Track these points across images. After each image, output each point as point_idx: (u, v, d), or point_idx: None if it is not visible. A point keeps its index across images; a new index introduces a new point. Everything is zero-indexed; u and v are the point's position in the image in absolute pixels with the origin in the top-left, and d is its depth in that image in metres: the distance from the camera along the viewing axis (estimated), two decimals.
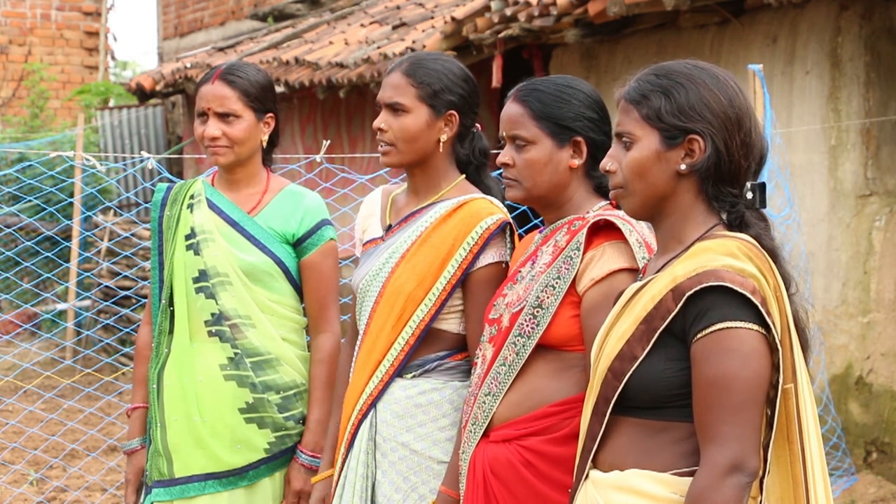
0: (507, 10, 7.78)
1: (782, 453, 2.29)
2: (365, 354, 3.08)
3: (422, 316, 3.02)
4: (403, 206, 3.18)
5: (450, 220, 3.04)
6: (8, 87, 15.87)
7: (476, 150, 3.16)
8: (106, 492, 6.51)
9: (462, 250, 3.01)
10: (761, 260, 2.28)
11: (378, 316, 3.07)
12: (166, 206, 3.51)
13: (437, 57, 3.14)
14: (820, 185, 6.55)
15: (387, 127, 3.08)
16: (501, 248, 3.03)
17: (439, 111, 3.07)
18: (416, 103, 3.06)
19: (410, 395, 3.03)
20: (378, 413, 3.06)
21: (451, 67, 3.10)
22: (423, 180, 3.13)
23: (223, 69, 3.43)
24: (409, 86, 3.06)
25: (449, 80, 3.07)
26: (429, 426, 3.02)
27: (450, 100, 3.07)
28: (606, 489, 2.33)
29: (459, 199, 3.07)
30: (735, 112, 2.33)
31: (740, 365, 2.19)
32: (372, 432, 3.06)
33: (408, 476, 3.01)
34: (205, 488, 3.35)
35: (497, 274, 3.02)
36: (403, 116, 3.06)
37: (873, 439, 6.26)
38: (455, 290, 3.02)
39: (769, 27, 6.78)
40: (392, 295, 3.04)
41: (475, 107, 3.14)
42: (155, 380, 3.42)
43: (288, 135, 11.47)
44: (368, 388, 3.06)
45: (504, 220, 3.03)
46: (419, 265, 3.03)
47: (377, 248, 3.15)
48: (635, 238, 2.66)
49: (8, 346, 9.99)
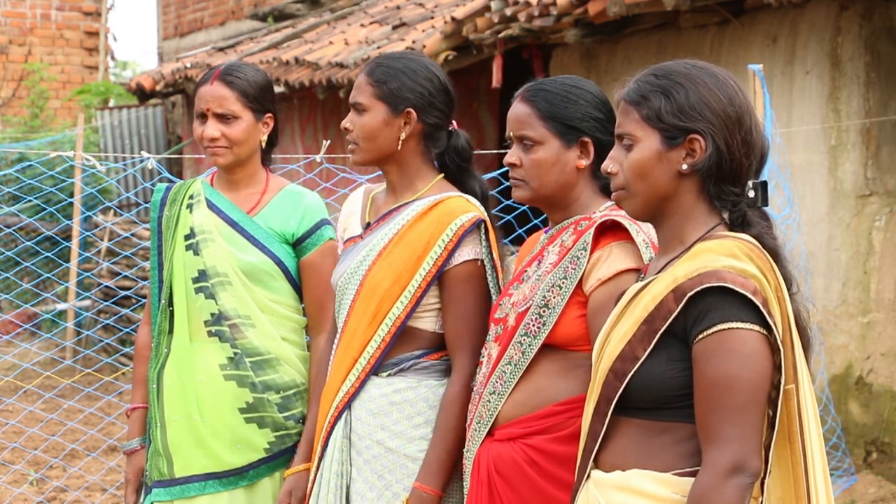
0: (507, 10, 7.78)
1: (783, 453, 2.29)
2: (342, 351, 3.11)
3: (398, 313, 3.04)
4: (382, 204, 3.21)
5: (425, 218, 3.07)
6: (8, 87, 15.88)
7: (452, 149, 3.16)
8: (106, 492, 6.51)
9: (437, 248, 3.03)
10: (762, 260, 2.28)
11: (355, 313, 3.09)
12: (165, 206, 3.51)
13: (400, 56, 3.17)
14: (820, 185, 6.55)
15: (351, 126, 3.13)
16: (477, 246, 3.05)
17: (397, 109, 3.09)
18: (373, 102, 3.09)
19: (385, 393, 3.05)
20: (353, 411, 3.08)
21: (411, 66, 3.12)
22: (398, 179, 3.15)
23: (222, 70, 3.43)
24: (368, 85, 3.11)
25: (406, 78, 3.09)
26: (403, 424, 3.04)
27: (406, 97, 3.09)
28: (608, 489, 2.33)
29: (435, 198, 3.09)
30: (735, 111, 2.33)
31: (742, 366, 2.19)
32: (347, 430, 3.08)
33: (382, 474, 3.03)
34: (205, 488, 3.35)
35: (473, 272, 3.04)
36: (363, 115, 3.11)
37: (873, 439, 6.26)
38: (430, 288, 3.05)
39: (769, 27, 6.78)
40: (369, 292, 3.07)
41: (439, 105, 3.13)
42: (155, 380, 3.42)
43: (288, 135, 11.47)
44: (345, 386, 3.08)
45: (479, 218, 3.05)
46: (395, 262, 3.06)
47: (356, 246, 3.17)
48: (642, 238, 2.66)
49: (8, 346, 9.99)
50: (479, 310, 3.03)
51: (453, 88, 3.17)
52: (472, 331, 3.02)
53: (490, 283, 3.05)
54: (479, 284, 3.04)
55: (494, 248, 3.07)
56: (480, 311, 3.03)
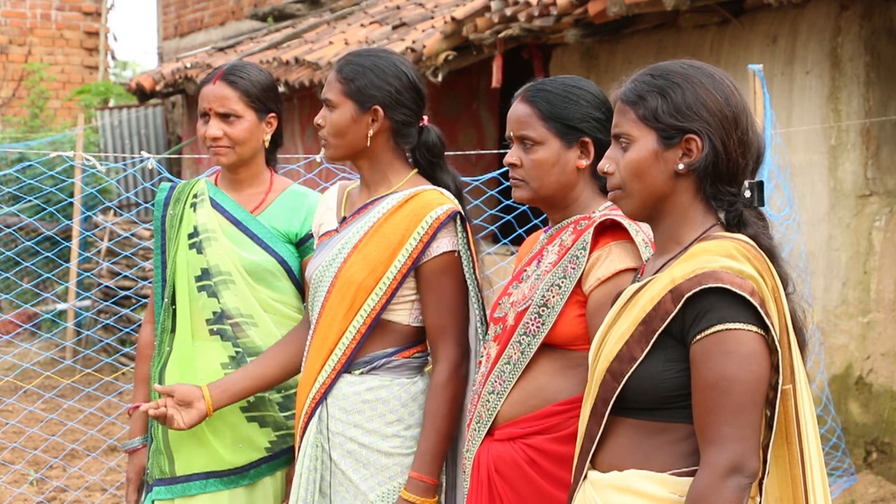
0: (507, 10, 7.79)
1: (781, 454, 2.29)
2: (317, 344, 3.13)
3: (372, 305, 3.07)
4: (357, 199, 3.24)
5: (400, 210, 3.10)
6: (8, 87, 15.87)
7: (423, 145, 3.19)
8: (106, 492, 6.51)
9: (412, 240, 3.06)
10: (759, 260, 2.28)
11: (330, 306, 3.12)
12: (169, 205, 3.52)
13: (370, 53, 3.20)
14: (820, 185, 6.55)
15: (322, 122, 3.18)
16: (453, 238, 3.08)
17: (365, 106, 3.13)
18: (341, 98, 3.14)
19: (358, 391, 3.09)
20: (328, 408, 3.11)
21: (379, 63, 3.15)
22: (371, 174, 3.19)
23: (225, 69, 3.44)
24: (337, 82, 3.15)
25: (374, 76, 3.13)
26: (377, 422, 3.08)
27: (373, 94, 3.12)
28: (605, 489, 2.33)
29: (410, 192, 3.13)
30: (732, 110, 2.33)
31: (740, 366, 2.20)
32: (321, 426, 3.10)
33: (357, 468, 3.07)
34: (206, 487, 3.36)
35: (450, 263, 3.07)
36: (333, 111, 3.15)
37: (873, 439, 6.27)
38: (406, 280, 3.08)
39: (769, 27, 6.79)
40: (344, 285, 3.09)
41: (407, 103, 3.16)
42: (157, 378, 3.43)
43: (288, 135, 11.47)
44: (320, 379, 3.11)
45: (454, 210, 3.08)
46: (370, 255, 3.09)
47: (331, 240, 3.20)
48: (641, 238, 2.67)
49: (8, 346, 9.99)
50: (458, 300, 3.07)
51: (424, 86, 3.21)
52: (453, 320, 3.06)
53: (467, 274, 3.09)
54: (456, 275, 3.08)
55: (471, 240, 3.11)
56: (459, 301, 3.07)
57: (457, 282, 3.08)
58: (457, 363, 3.05)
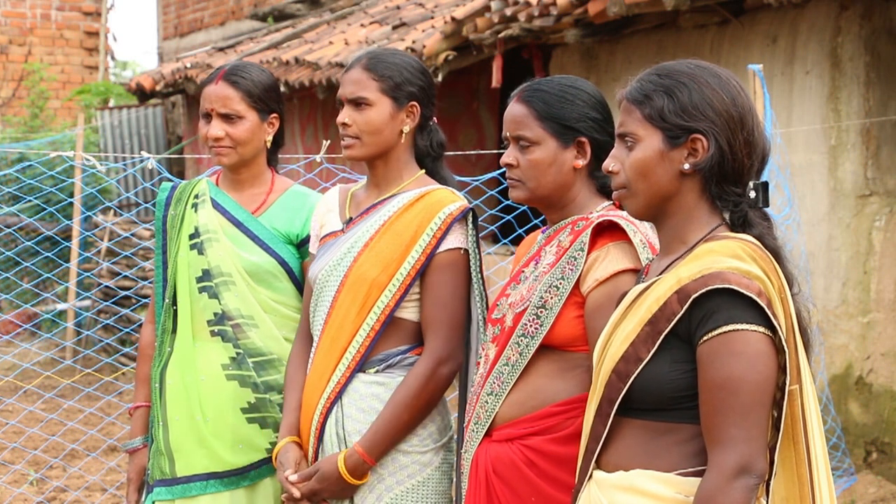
0: (507, 10, 7.79)
1: (787, 454, 2.29)
2: (327, 344, 3.12)
3: (386, 301, 3.07)
4: (363, 199, 3.24)
5: (413, 208, 3.10)
6: (8, 87, 15.87)
7: (433, 142, 3.23)
8: (106, 492, 6.51)
9: (426, 235, 3.06)
10: (765, 261, 2.28)
11: (340, 305, 3.10)
12: (170, 206, 3.52)
13: (393, 52, 3.23)
14: (820, 185, 6.56)
15: (351, 122, 3.15)
16: (462, 235, 3.09)
17: (401, 103, 3.14)
18: (379, 96, 3.13)
19: (375, 392, 3.08)
20: (343, 407, 3.09)
21: (409, 61, 3.19)
22: (385, 173, 3.19)
23: (227, 70, 3.44)
24: (371, 80, 3.13)
25: (409, 73, 3.15)
26: None
27: (410, 91, 3.15)
28: (610, 489, 2.33)
29: (421, 190, 3.14)
30: (738, 111, 2.33)
31: (747, 367, 2.19)
32: (339, 427, 3.09)
33: (373, 468, 3.06)
34: (206, 488, 3.36)
35: (456, 260, 3.08)
36: (367, 110, 3.13)
37: (873, 439, 6.27)
38: (419, 276, 3.08)
39: (769, 27, 6.79)
40: (356, 283, 3.09)
41: (433, 98, 3.22)
42: (157, 379, 3.43)
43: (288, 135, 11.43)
44: (334, 378, 3.10)
45: (466, 207, 3.10)
46: (383, 252, 3.08)
47: (336, 240, 3.19)
48: (639, 239, 2.67)
49: (8, 346, 9.98)
50: (457, 297, 3.07)
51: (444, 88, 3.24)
52: (447, 315, 3.05)
53: (473, 274, 3.09)
54: (459, 273, 3.08)
55: (479, 240, 3.12)
56: (458, 299, 3.07)
57: (455, 279, 3.07)
58: (440, 360, 3.03)
